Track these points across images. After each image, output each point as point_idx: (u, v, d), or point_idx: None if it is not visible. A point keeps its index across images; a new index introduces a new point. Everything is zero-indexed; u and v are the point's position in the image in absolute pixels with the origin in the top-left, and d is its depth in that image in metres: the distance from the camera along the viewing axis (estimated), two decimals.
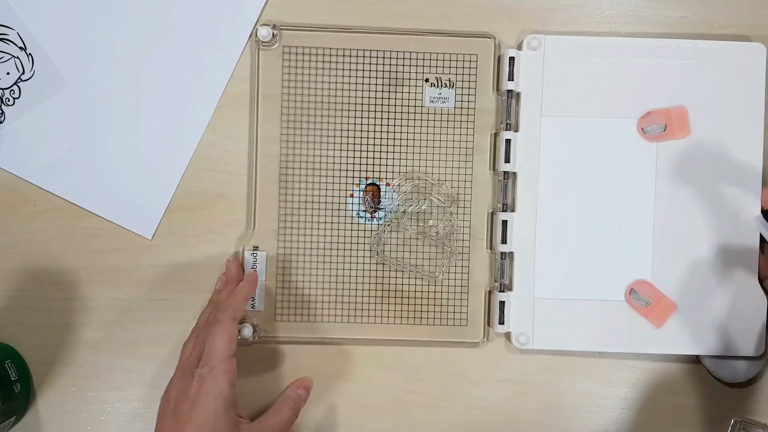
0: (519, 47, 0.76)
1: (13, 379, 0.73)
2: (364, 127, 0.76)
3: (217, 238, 0.76)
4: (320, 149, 0.76)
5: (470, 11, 0.77)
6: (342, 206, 0.76)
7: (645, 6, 0.78)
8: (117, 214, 0.76)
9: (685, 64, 0.75)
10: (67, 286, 0.76)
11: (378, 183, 0.76)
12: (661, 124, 0.75)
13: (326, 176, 0.76)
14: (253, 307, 0.76)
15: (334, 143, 0.76)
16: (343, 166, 0.76)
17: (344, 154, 0.76)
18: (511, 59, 0.75)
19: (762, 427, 0.77)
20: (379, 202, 0.76)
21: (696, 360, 0.78)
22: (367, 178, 0.76)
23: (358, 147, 0.76)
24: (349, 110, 0.76)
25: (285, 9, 0.76)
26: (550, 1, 0.78)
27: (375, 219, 0.76)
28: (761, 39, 0.76)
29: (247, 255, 0.76)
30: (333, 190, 0.76)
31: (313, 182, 0.76)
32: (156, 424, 0.65)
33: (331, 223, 0.76)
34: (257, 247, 0.76)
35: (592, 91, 0.75)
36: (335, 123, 0.76)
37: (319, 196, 0.76)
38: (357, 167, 0.76)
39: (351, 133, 0.76)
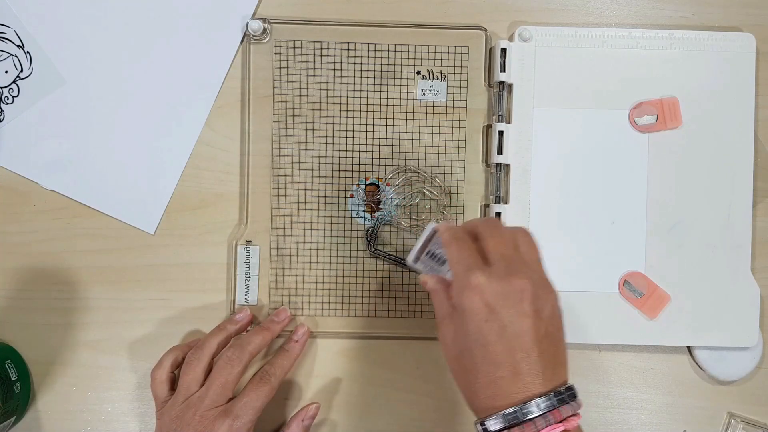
0: (510, 39, 0.76)
1: (13, 379, 0.73)
2: (356, 122, 0.76)
3: (217, 237, 0.77)
4: (312, 144, 0.76)
5: (465, 7, 0.77)
6: (336, 200, 0.76)
7: (645, 5, 0.78)
8: (118, 210, 0.77)
9: (676, 54, 0.75)
10: (67, 286, 0.77)
11: (377, 183, 0.77)
12: (652, 115, 0.75)
13: (319, 171, 0.76)
14: (246, 301, 0.76)
15: (326, 137, 0.76)
16: (335, 160, 0.76)
17: (336, 148, 0.76)
18: (503, 51, 0.75)
19: (762, 427, 0.76)
20: (380, 201, 0.76)
21: (693, 361, 0.78)
22: (367, 178, 0.77)
23: (350, 141, 0.76)
24: (340, 104, 0.76)
25: (276, 3, 0.77)
26: (551, 1, 0.78)
27: (375, 219, 0.77)
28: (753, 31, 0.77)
29: (240, 249, 0.76)
30: (327, 185, 0.76)
31: (305, 177, 0.76)
32: None
33: (326, 218, 0.76)
34: (250, 241, 0.76)
35: (584, 82, 0.75)
36: (327, 117, 0.76)
37: (312, 191, 0.76)
38: (349, 161, 0.76)
39: (343, 127, 0.76)
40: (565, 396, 0.57)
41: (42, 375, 0.77)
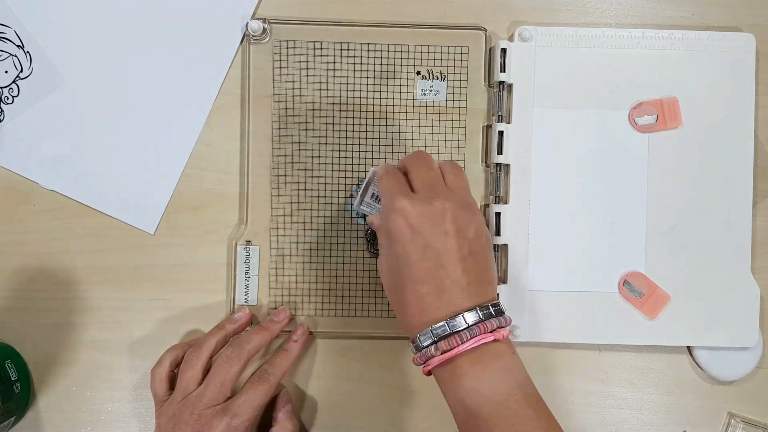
0: (510, 39, 0.76)
1: (13, 379, 0.73)
2: (356, 122, 0.76)
3: (217, 237, 0.77)
4: (312, 144, 0.76)
5: (465, 7, 0.77)
6: (336, 200, 0.76)
7: (645, 5, 0.78)
8: (118, 210, 0.76)
9: (676, 54, 0.75)
10: (67, 286, 0.77)
11: None
12: (652, 115, 0.75)
13: (319, 171, 0.76)
14: (246, 301, 0.76)
15: (326, 137, 0.76)
16: (335, 160, 0.76)
17: (336, 148, 0.76)
18: (503, 51, 0.75)
19: (762, 427, 0.76)
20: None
21: (693, 361, 0.78)
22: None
23: (350, 141, 0.76)
24: (340, 104, 0.76)
25: (276, 3, 0.77)
26: (551, 1, 0.78)
27: None
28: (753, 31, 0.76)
29: (240, 249, 0.76)
30: (327, 185, 0.76)
31: (305, 177, 0.76)
32: None
33: (326, 218, 0.76)
34: (250, 241, 0.76)
35: (584, 82, 0.75)
36: (327, 117, 0.76)
37: (312, 191, 0.76)
38: (349, 161, 0.76)
39: (343, 127, 0.76)
40: (492, 311, 0.59)
41: (42, 375, 0.77)
